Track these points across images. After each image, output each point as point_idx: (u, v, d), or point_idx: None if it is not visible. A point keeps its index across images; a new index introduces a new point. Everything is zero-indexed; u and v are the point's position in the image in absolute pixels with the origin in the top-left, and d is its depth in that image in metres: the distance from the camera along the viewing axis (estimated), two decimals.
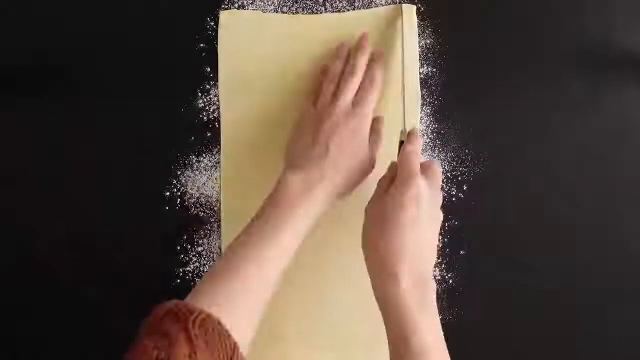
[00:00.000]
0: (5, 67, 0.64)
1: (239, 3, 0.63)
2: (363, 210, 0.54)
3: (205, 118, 0.63)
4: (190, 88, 0.63)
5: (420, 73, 0.62)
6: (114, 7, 0.63)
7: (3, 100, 0.64)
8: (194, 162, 0.63)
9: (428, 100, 0.62)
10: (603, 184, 0.62)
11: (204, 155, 0.63)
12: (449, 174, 0.62)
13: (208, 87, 0.63)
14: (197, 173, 0.63)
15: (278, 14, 0.63)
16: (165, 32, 0.63)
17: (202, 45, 0.63)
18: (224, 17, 0.62)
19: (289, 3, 0.63)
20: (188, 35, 0.63)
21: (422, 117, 0.62)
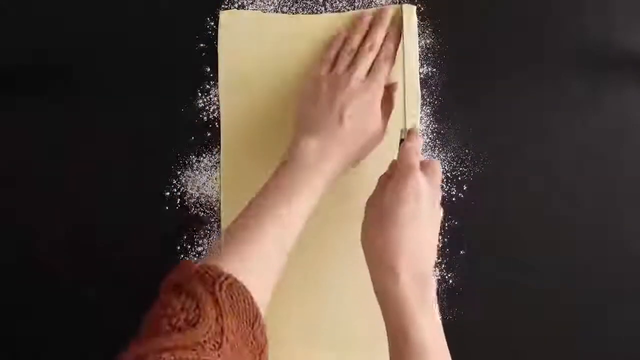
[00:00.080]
0: (5, 67, 0.64)
1: (239, 3, 0.63)
2: (363, 210, 0.54)
3: (205, 118, 0.63)
4: (190, 88, 0.63)
5: (420, 73, 0.62)
6: (114, 7, 0.63)
7: (3, 100, 0.64)
8: (194, 162, 0.63)
9: (428, 100, 0.62)
10: (603, 184, 0.62)
11: (204, 155, 0.63)
12: (449, 174, 0.62)
13: (208, 87, 0.63)
14: (197, 173, 0.63)
15: (278, 14, 0.63)
16: (165, 32, 0.63)
17: (202, 45, 0.63)
18: (224, 17, 0.62)
19: (289, 3, 0.63)
20: (188, 35, 0.63)
21: (422, 117, 0.62)
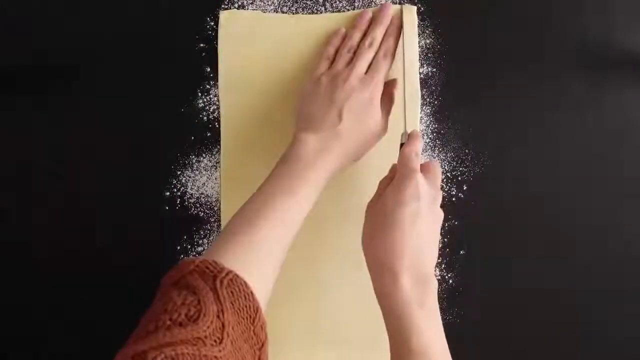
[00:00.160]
0: (5, 67, 0.64)
1: (239, 3, 0.63)
2: (364, 210, 0.54)
3: (205, 118, 0.63)
4: (190, 88, 0.63)
5: (420, 73, 0.62)
6: (114, 7, 0.63)
7: (3, 100, 0.64)
8: (194, 162, 0.63)
9: (428, 100, 0.62)
10: (603, 184, 0.62)
11: (204, 155, 0.63)
12: (449, 174, 0.62)
13: (208, 87, 0.63)
14: (197, 173, 0.63)
15: (278, 14, 0.63)
16: (165, 32, 0.63)
17: (202, 45, 0.63)
18: (224, 17, 0.62)
19: (289, 3, 0.63)
20: (188, 35, 0.63)
21: (422, 117, 0.62)
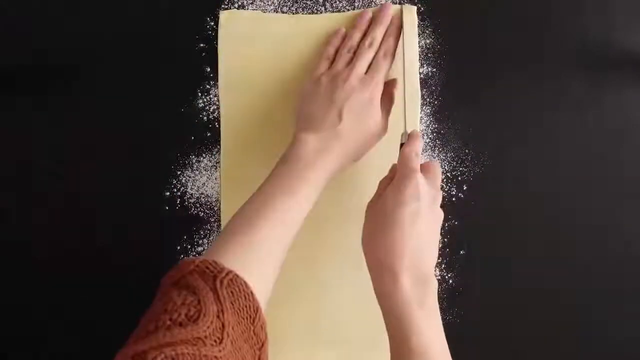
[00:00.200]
0: (5, 67, 0.64)
1: (239, 3, 0.63)
2: (364, 210, 0.54)
3: (205, 118, 0.63)
4: (190, 88, 0.63)
5: (420, 73, 0.62)
6: (114, 7, 0.63)
7: (3, 100, 0.64)
8: (194, 162, 0.63)
9: (428, 100, 0.62)
10: (603, 184, 0.62)
11: (204, 155, 0.63)
12: (449, 174, 0.62)
13: (208, 87, 0.63)
14: (197, 173, 0.63)
15: (278, 14, 0.63)
16: (165, 32, 0.63)
17: (202, 45, 0.63)
18: (224, 17, 0.62)
19: (289, 3, 0.63)
20: (188, 35, 0.63)
21: (422, 117, 0.62)
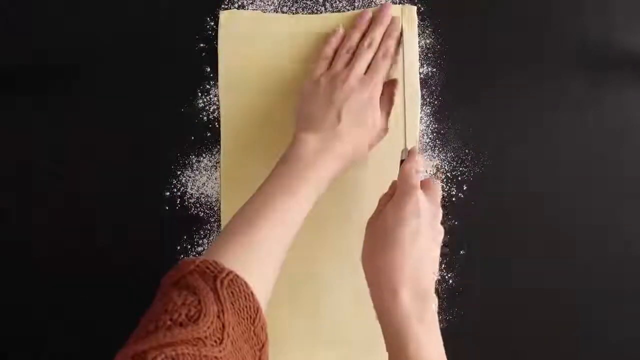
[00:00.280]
0: (5, 67, 0.64)
1: (239, 3, 0.63)
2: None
3: (205, 118, 0.63)
4: (190, 88, 0.63)
5: (420, 73, 0.62)
6: (114, 7, 0.63)
7: (3, 100, 0.64)
8: (194, 162, 0.63)
9: (428, 100, 0.62)
10: (603, 184, 0.62)
11: (204, 155, 0.63)
12: (449, 174, 0.62)
13: (208, 87, 0.63)
14: (197, 173, 0.63)
15: (278, 14, 0.63)
16: (165, 32, 0.63)
17: (202, 45, 0.63)
18: (224, 17, 0.62)
19: (289, 3, 0.63)
20: (188, 35, 0.63)
21: (422, 117, 0.62)
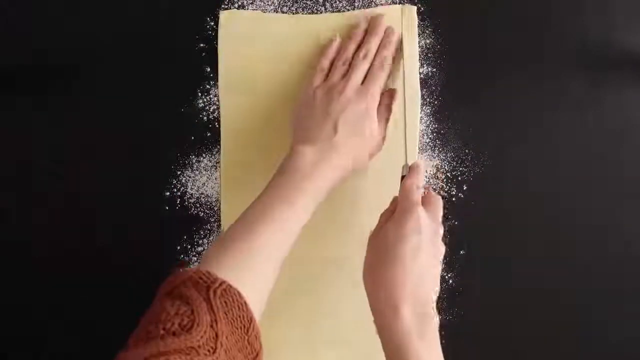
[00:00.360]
0: (5, 67, 0.64)
1: (239, 3, 0.63)
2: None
3: (205, 118, 0.63)
4: (190, 88, 0.63)
5: (420, 73, 0.62)
6: (114, 7, 0.63)
7: (3, 100, 0.64)
8: (194, 162, 0.63)
9: (428, 100, 0.62)
10: (603, 184, 0.62)
11: (204, 155, 0.63)
12: (449, 174, 0.62)
13: (208, 87, 0.63)
14: (197, 173, 0.63)
15: (278, 14, 0.63)
16: (165, 32, 0.63)
17: (202, 45, 0.63)
18: (224, 17, 0.62)
19: (289, 3, 0.63)
20: (188, 35, 0.63)
21: (422, 117, 0.62)
